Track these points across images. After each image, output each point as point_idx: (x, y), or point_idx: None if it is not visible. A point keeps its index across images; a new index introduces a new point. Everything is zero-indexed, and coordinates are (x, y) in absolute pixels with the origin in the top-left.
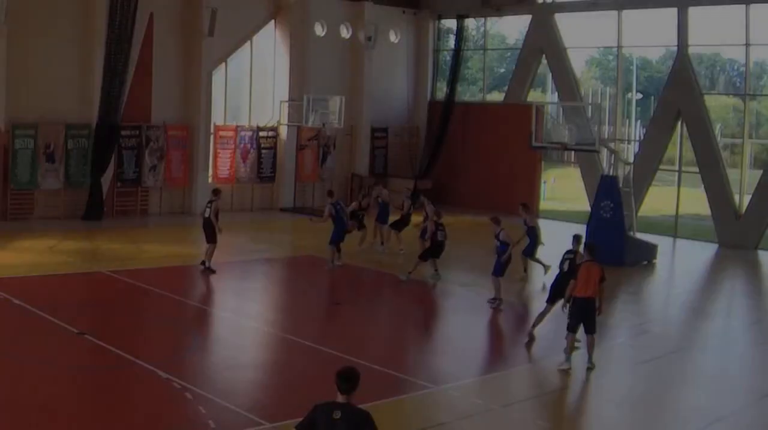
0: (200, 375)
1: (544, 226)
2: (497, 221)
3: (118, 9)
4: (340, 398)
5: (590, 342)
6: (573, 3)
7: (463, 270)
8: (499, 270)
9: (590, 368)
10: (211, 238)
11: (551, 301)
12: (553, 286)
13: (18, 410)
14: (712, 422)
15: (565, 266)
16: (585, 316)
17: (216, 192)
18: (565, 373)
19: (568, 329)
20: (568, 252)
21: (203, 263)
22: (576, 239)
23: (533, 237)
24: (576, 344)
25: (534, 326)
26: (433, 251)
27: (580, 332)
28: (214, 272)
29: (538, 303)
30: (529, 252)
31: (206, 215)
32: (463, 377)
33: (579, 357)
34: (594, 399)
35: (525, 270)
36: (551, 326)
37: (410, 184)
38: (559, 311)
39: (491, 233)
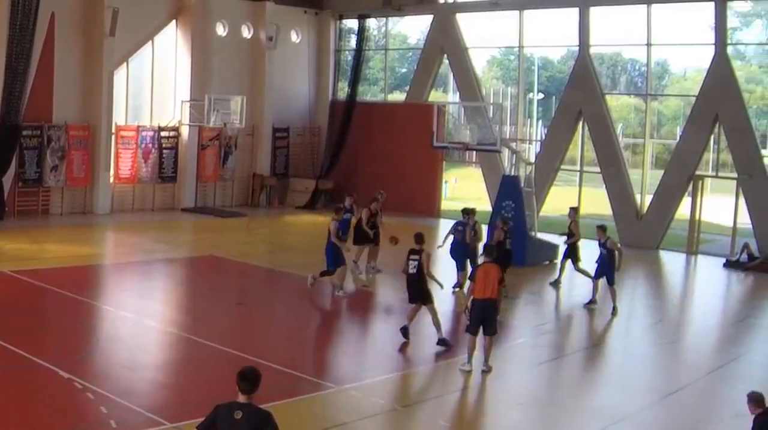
0: (102, 375)
1: (446, 226)
2: (603, 229)
3: (19, 9)
4: (242, 399)
5: (488, 344)
6: (474, 3)
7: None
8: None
9: (486, 371)
10: (417, 296)
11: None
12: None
13: None
14: (614, 422)
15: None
16: (485, 317)
17: (419, 238)
18: (467, 374)
19: (467, 331)
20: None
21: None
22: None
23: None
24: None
25: None
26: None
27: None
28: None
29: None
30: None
31: (411, 271)
32: (364, 377)
33: (481, 358)
34: (496, 399)
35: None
36: (452, 327)
37: (312, 184)
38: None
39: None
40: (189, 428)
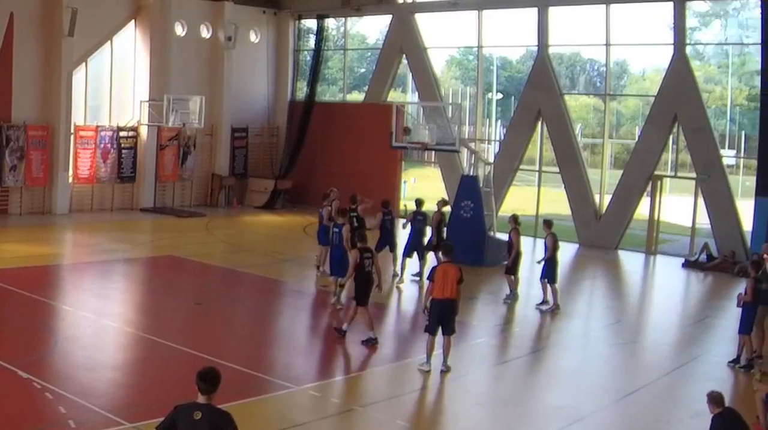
0: (60, 375)
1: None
2: (548, 224)
3: None
4: (201, 399)
5: (447, 344)
6: (433, 3)
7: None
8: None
9: (445, 371)
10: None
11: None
12: None
13: None
14: (572, 422)
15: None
16: (444, 317)
17: (364, 237)
18: (426, 374)
19: (426, 330)
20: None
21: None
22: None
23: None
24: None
25: None
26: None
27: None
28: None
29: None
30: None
31: (368, 269)
32: (323, 377)
33: (439, 358)
34: (455, 399)
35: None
36: (410, 326)
37: (271, 184)
38: (420, 314)
39: None
40: (148, 428)
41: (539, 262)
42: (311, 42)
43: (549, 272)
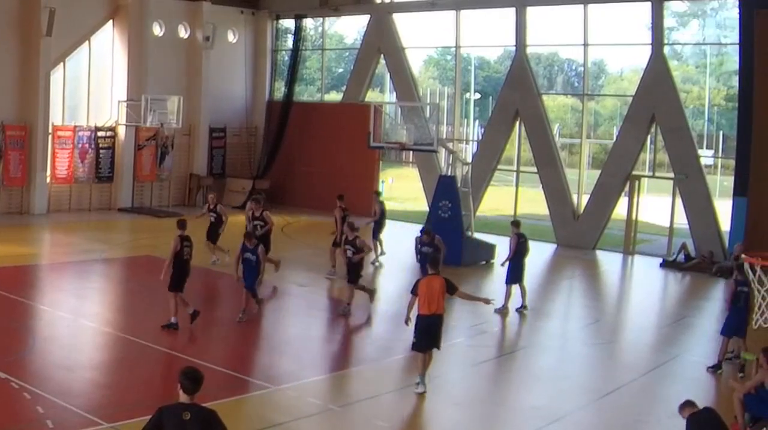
0: (38, 375)
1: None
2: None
3: None
4: (185, 399)
5: (428, 358)
6: (411, 3)
7: (300, 270)
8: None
9: (422, 392)
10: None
11: None
12: None
13: None
14: (550, 423)
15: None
16: (430, 333)
17: (182, 224)
18: (420, 395)
19: (414, 348)
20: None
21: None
22: None
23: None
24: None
25: None
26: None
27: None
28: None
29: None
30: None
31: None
32: (301, 377)
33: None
34: (433, 399)
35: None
36: (389, 326)
37: (248, 184)
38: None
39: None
40: (126, 428)
41: (503, 264)
42: (289, 42)
43: (514, 274)
